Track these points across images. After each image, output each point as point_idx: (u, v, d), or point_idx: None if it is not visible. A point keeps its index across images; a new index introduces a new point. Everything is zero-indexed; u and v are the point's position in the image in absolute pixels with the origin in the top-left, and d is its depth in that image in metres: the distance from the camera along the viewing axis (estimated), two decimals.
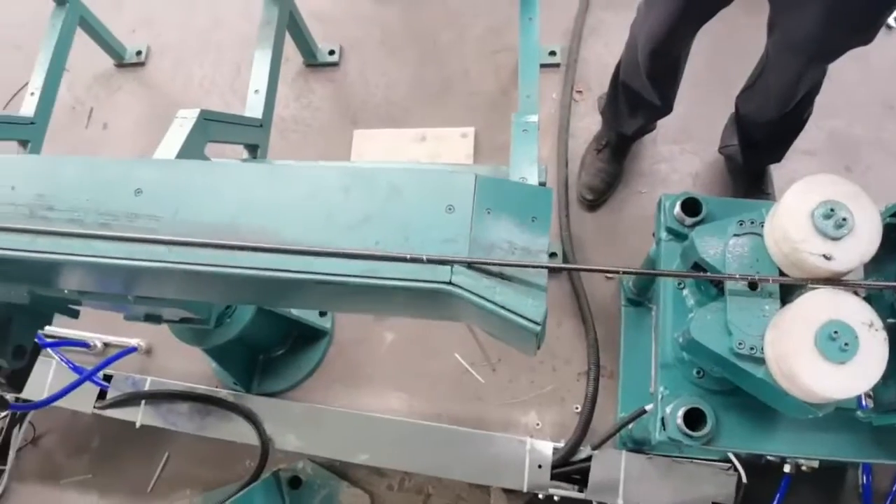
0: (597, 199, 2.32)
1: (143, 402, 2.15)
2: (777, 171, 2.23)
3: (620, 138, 2.26)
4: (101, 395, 2.19)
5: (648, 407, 1.45)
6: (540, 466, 1.88)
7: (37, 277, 1.26)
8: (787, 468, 1.72)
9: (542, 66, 2.33)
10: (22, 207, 1.09)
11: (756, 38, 1.73)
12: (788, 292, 1.15)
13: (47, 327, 1.59)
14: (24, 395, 1.90)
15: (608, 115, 2.26)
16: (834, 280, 1.08)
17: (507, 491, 1.96)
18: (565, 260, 2.23)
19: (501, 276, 0.94)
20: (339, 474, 2.13)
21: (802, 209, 1.09)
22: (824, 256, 1.06)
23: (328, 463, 2.13)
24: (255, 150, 2.07)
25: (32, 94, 2.37)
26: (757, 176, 2.22)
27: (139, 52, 3.05)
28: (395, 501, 2.11)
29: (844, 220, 1.06)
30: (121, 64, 3.06)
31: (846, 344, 1.02)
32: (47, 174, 1.12)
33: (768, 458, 1.71)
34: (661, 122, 2.26)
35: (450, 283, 0.92)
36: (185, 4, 3.14)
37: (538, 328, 0.92)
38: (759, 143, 2.06)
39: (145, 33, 3.11)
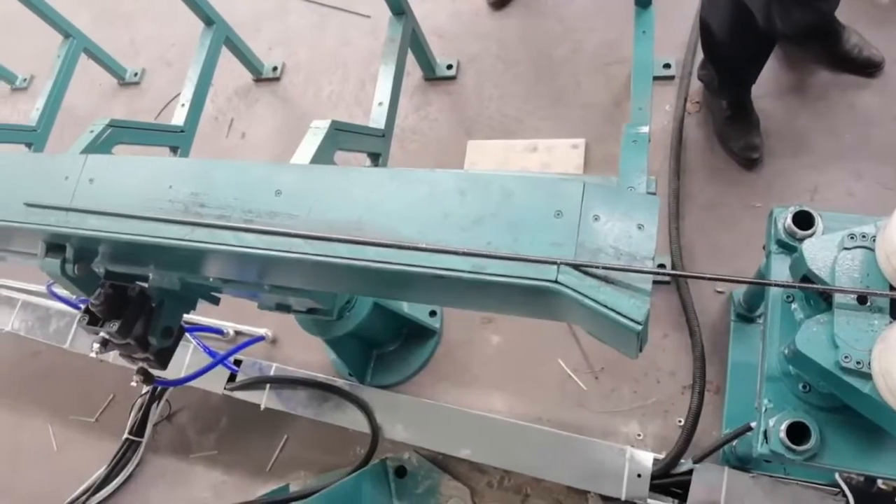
0: (761, 155, 2.30)
1: (267, 386, 2.31)
2: None
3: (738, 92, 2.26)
4: (231, 377, 2.35)
5: (754, 424, 1.43)
6: (639, 476, 1.87)
7: (189, 265, 1.41)
8: None
9: (656, 78, 2.33)
10: (178, 204, 1.24)
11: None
12: None
13: (188, 314, 1.74)
14: (164, 374, 2.09)
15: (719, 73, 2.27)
16: None
17: (604, 498, 1.96)
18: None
19: (606, 280, 0.98)
20: (442, 467, 2.20)
21: None
22: None
23: (432, 455, 2.20)
24: (377, 159, 2.20)
25: (183, 105, 2.63)
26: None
27: (275, 68, 3.31)
28: (494, 498, 2.15)
29: None
30: (258, 79, 3.34)
31: None
32: (200, 175, 1.26)
33: (880, 485, 1.63)
34: (778, 136, 2.20)
35: (555, 281, 0.98)
36: (317, 25, 3.39)
37: (639, 328, 0.95)
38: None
39: (281, 51, 3.38)
